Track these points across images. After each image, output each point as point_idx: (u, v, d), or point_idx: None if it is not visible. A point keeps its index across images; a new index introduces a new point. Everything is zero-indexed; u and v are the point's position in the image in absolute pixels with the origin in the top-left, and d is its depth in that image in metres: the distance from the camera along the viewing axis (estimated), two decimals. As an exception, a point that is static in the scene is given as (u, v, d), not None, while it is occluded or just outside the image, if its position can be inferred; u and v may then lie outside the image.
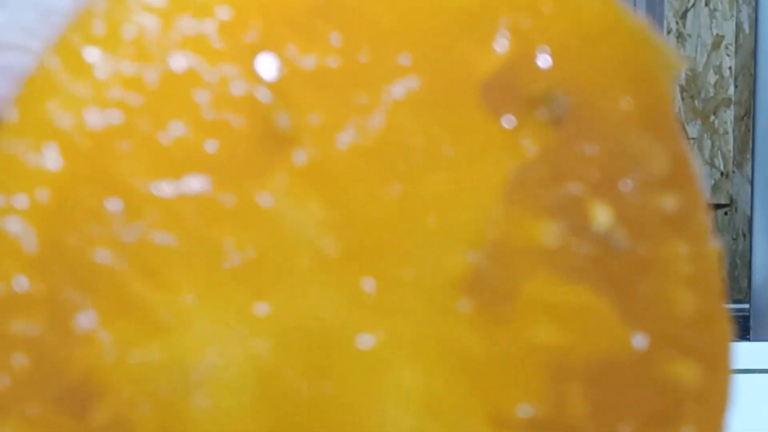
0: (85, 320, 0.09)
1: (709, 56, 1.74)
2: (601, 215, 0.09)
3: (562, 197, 0.08)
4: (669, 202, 0.10)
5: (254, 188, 0.09)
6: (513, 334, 0.08)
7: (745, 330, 0.78)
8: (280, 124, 0.09)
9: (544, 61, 0.09)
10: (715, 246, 0.10)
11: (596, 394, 0.09)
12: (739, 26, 1.72)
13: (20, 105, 0.10)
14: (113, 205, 0.09)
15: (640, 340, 0.09)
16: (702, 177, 0.10)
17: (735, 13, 1.72)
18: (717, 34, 1.73)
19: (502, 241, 0.08)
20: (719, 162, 1.73)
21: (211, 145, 0.09)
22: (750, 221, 0.76)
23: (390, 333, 0.08)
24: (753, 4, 1.73)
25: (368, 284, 0.08)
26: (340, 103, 0.09)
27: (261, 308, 0.08)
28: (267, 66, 0.09)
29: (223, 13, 0.09)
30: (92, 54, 0.10)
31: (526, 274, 0.08)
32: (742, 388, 0.55)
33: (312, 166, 0.09)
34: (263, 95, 0.09)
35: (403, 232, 0.08)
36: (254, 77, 0.09)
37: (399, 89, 0.09)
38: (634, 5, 1.89)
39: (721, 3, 1.73)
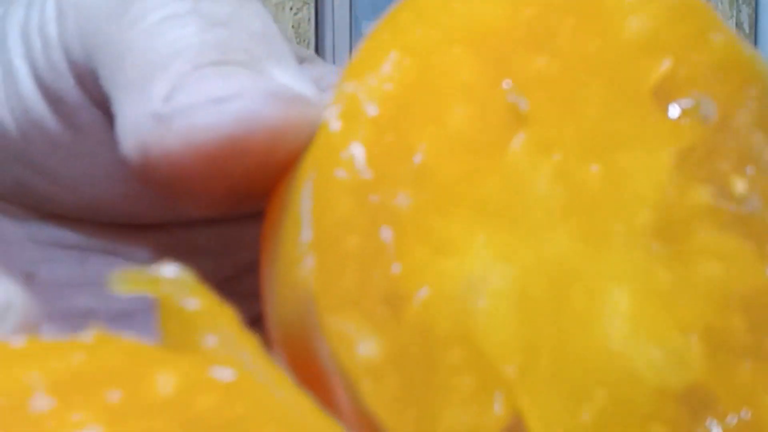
0: (387, 234, 0.12)
1: (709, 56, 1.73)
2: (740, 186, 0.13)
3: (714, 172, 0.12)
4: None
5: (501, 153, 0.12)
6: (689, 269, 0.12)
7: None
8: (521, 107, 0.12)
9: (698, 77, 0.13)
10: None
11: (750, 315, 0.12)
12: (739, 26, 1.71)
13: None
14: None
15: None
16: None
17: (735, 13, 1.71)
18: (717, 34, 1.73)
19: (676, 201, 0.12)
20: (719, 162, 1.73)
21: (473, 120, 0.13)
22: (750, 221, 0.76)
23: (606, 271, 0.12)
24: (753, 4, 1.74)
25: (588, 235, 0.12)
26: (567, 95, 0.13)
27: (512, 246, 0.12)
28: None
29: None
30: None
31: (695, 225, 0.12)
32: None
33: (543, 138, 0.12)
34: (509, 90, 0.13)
35: (609, 195, 0.12)
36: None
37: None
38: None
39: (721, 3, 1.73)
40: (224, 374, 0.11)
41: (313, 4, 1.79)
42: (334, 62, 1.89)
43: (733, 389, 0.11)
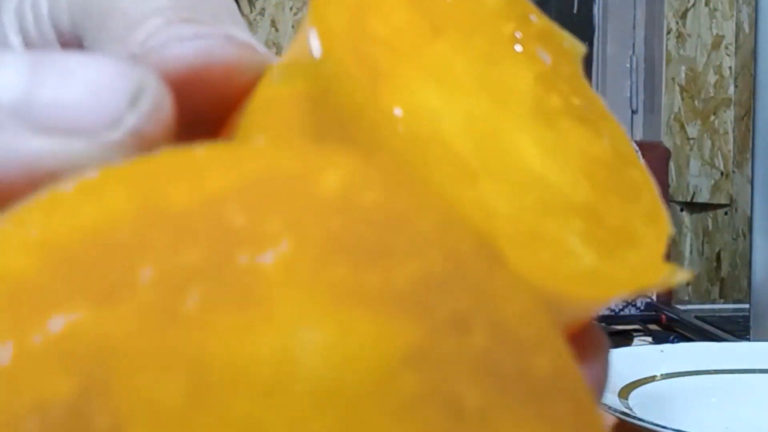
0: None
1: (709, 56, 1.74)
2: (576, 100, 0.18)
3: (559, 90, 0.18)
4: None
5: None
6: (561, 135, 0.17)
7: (745, 330, 0.78)
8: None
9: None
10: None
11: (594, 169, 0.18)
12: (739, 26, 1.72)
13: None
14: None
15: None
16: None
17: (735, 13, 1.72)
18: (717, 34, 1.73)
19: (542, 98, 0.18)
20: (719, 162, 1.73)
21: None
22: (750, 221, 0.76)
23: (516, 126, 0.17)
24: (753, 4, 1.73)
25: (497, 105, 0.17)
26: None
27: (454, 98, 0.17)
28: None
29: None
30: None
31: (556, 114, 0.18)
32: (742, 388, 0.55)
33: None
34: None
35: (502, 84, 0.18)
36: None
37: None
38: (634, 5, 1.89)
39: (721, 3, 1.74)
40: (377, 168, 0.12)
41: (313, 4, 1.78)
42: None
43: (611, 208, 0.16)
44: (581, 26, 1.95)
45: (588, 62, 1.93)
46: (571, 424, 0.12)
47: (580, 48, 0.19)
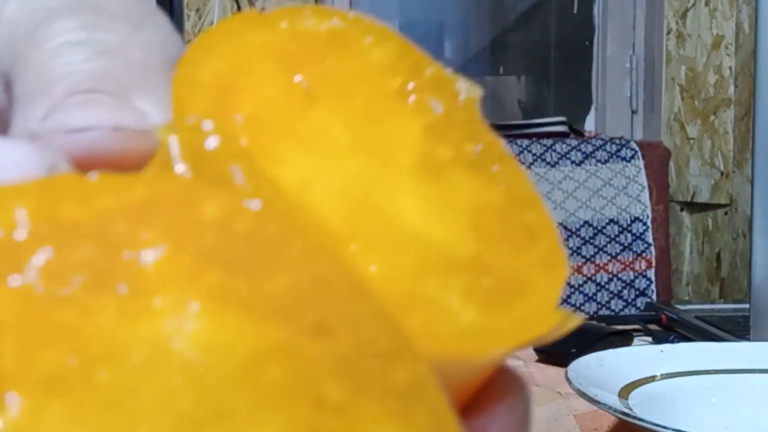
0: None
1: (709, 56, 1.74)
2: (471, 148, 0.18)
3: (451, 139, 0.18)
4: None
5: None
6: (446, 188, 0.18)
7: (745, 330, 0.78)
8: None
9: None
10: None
11: (481, 218, 0.18)
12: (739, 26, 1.72)
13: None
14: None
15: None
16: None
17: (735, 13, 1.72)
18: (717, 34, 1.73)
19: (429, 151, 0.18)
20: (719, 162, 1.73)
21: None
22: (750, 221, 0.76)
23: (394, 185, 0.17)
24: (753, 4, 1.73)
25: (377, 164, 0.18)
26: None
27: (326, 165, 0.17)
28: None
29: None
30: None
31: (444, 166, 0.18)
32: (742, 388, 0.55)
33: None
34: None
35: (384, 142, 0.18)
36: None
37: None
38: (634, 5, 1.89)
39: (721, 3, 1.74)
40: (253, 204, 0.14)
41: (312, 4, 1.78)
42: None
43: (500, 258, 0.17)
44: (581, 26, 1.95)
45: (588, 62, 1.93)
46: (427, 426, 0.13)
47: (477, 90, 0.19)
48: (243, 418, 0.13)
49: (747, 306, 0.78)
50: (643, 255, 1.40)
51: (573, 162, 1.44)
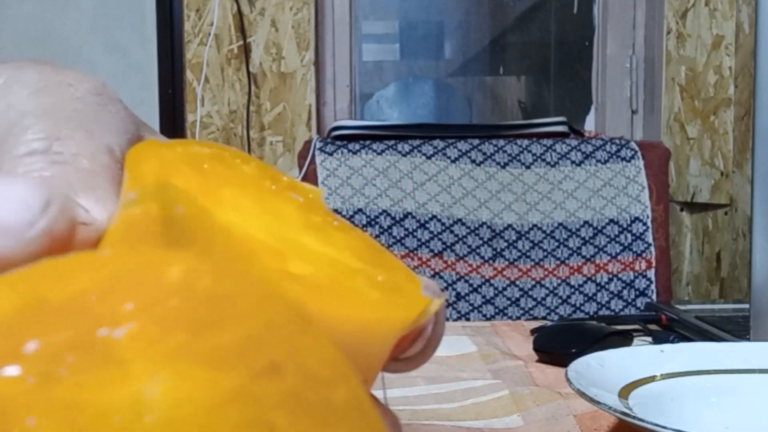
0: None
1: (709, 56, 1.74)
2: None
3: None
4: None
5: None
6: None
7: (745, 330, 0.78)
8: None
9: None
10: None
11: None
12: (739, 26, 1.72)
13: None
14: None
15: None
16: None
17: (735, 13, 1.72)
18: (717, 34, 1.73)
19: None
20: (719, 162, 1.73)
21: None
22: (750, 221, 0.76)
23: None
24: (753, 4, 1.72)
25: None
26: None
27: None
28: None
29: None
30: None
31: None
32: (742, 388, 0.55)
33: None
34: None
35: None
36: None
37: None
38: (634, 5, 1.89)
39: (721, 3, 1.74)
40: (210, 263, 0.17)
41: (313, 4, 1.78)
42: (333, 62, 1.88)
43: (378, 271, 0.23)
44: (581, 26, 1.95)
45: (588, 62, 1.93)
46: None
47: (319, 191, 0.26)
48: None
49: (747, 306, 0.78)
50: (643, 255, 1.40)
51: (573, 162, 1.44)
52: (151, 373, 0.15)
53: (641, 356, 0.59)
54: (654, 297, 1.41)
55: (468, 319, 1.39)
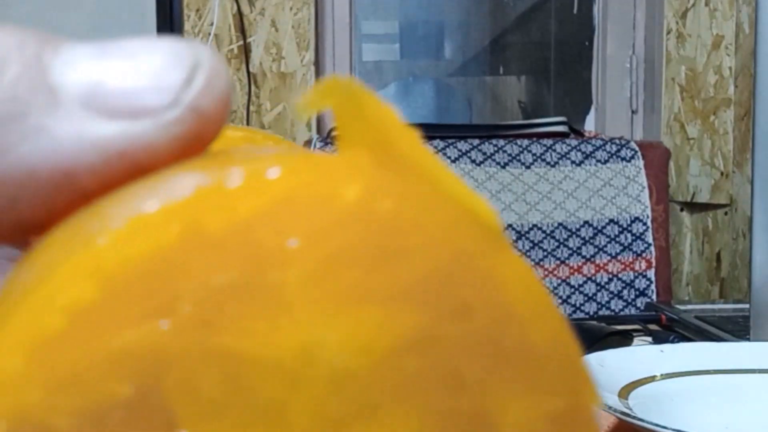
0: None
1: (709, 56, 1.74)
2: None
3: None
4: None
5: None
6: None
7: (745, 330, 0.78)
8: None
9: None
10: None
11: None
12: (739, 26, 1.72)
13: None
14: None
15: None
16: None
17: (735, 13, 1.72)
18: (717, 34, 1.73)
19: None
20: (719, 162, 1.73)
21: None
22: (750, 221, 0.76)
23: None
24: (753, 4, 1.72)
25: None
26: None
27: None
28: None
29: None
30: None
31: None
32: (742, 388, 0.55)
33: None
34: None
35: None
36: None
37: None
38: (634, 5, 1.89)
39: (721, 3, 1.74)
40: (394, 182, 0.14)
41: (313, 4, 1.79)
42: (333, 62, 1.88)
43: None
44: (581, 26, 1.95)
45: (588, 62, 1.93)
46: (564, 390, 0.14)
47: None
48: (385, 413, 0.13)
49: (747, 306, 0.78)
50: (643, 255, 1.40)
51: (573, 162, 1.44)
52: (322, 318, 0.13)
53: (641, 356, 0.59)
54: (654, 297, 1.41)
55: (468, 319, 1.38)
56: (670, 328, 0.87)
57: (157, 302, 0.13)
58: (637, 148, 1.46)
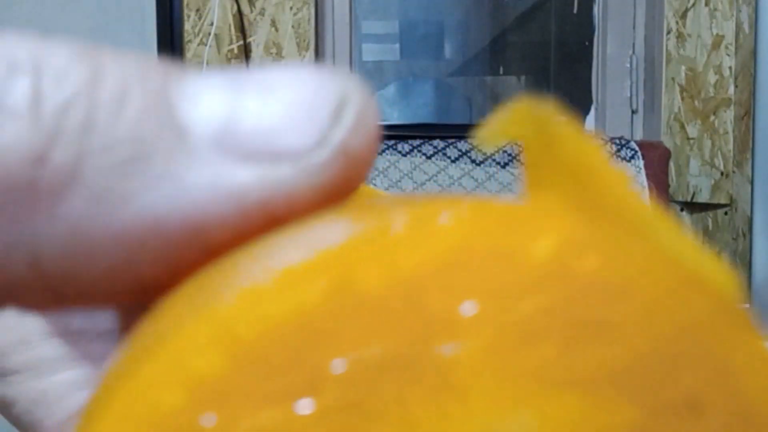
0: None
1: (709, 56, 1.74)
2: None
3: None
4: None
5: None
6: None
7: (745, 330, 0.78)
8: None
9: None
10: None
11: None
12: (739, 26, 1.72)
13: None
14: None
15: None
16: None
17: (735, 13, 1.72)
18: (717, 34, 1.73)
19: None
20: (719, 162, 1.73)
21: None
22: (750, 221, 0.76)
23: None
24: (753, 4, 1.73)
25: None
26: None
27: None
28: None
29: None
30: None
31: None
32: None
33: None
34: None
35: None
36: None
37: None
38: (634, 5, 1.89)
39: (721, 3, 1.74)
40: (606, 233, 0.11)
41: (313, 4, 1.79)
42: (333, 62, 1.88)
43: None
44: (581, 26, 1.95)
45: (588, 62, 1.93)
46: None
47: None
48: None
49: (747, 306, 0.78)
50: (643, 255, 1.40)
51: (573, 162, 1.44)
52: (504, 407, 0.11)
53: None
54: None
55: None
56: (670, 328, 0.87)
57: (295, 378, 0.11)
58: (637, 148, 1.46)
